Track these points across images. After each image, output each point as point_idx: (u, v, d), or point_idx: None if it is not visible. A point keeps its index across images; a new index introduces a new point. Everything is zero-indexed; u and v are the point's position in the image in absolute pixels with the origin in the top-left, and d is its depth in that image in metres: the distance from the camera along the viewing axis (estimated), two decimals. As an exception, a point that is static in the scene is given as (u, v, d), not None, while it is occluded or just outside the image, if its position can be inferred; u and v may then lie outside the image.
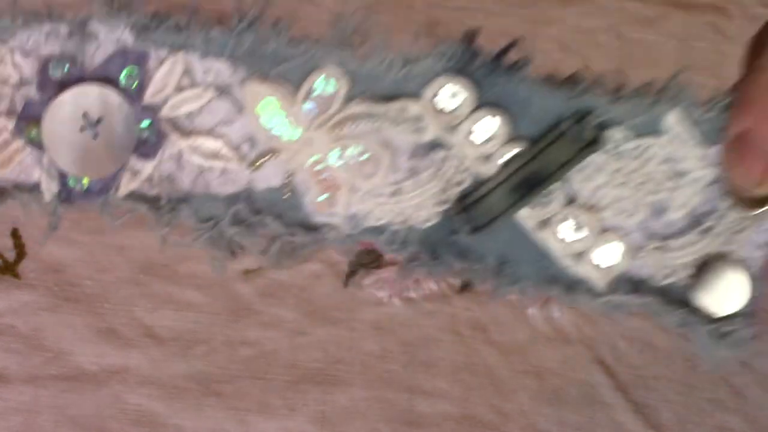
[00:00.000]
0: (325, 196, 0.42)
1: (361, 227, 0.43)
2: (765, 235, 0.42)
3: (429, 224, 0.43)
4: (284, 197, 0.42)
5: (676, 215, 0.43)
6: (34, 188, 0.42)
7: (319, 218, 0.42)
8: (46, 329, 0.55)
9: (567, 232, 0.42)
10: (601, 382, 0.56)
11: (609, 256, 0.43)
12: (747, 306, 0.42)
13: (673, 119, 0.42)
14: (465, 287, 0.57)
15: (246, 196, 0.42)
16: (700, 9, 0.61)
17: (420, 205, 0.42)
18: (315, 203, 0.42)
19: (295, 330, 0.56)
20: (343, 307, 0.56)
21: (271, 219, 0.42)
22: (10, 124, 0.41)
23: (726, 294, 0.42)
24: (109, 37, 0.41)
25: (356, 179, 0.42)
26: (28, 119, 0.41)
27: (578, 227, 0.42)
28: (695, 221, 0.43)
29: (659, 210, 0.43)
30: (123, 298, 0.56)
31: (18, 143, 0.41)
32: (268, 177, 0.42)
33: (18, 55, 0.41)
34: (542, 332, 0.57)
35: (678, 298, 0.43)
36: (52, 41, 0.41)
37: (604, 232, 0.43)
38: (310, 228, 0.43)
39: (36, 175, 0.42)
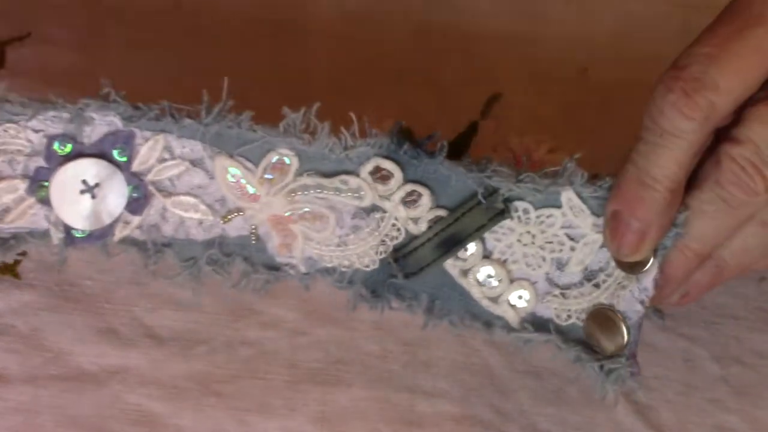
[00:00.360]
0: (283, 238, 0.53)
1: (315, 268, 0.53)
2: (643, 294, 0.51)
3: (370, 269, 0.53)
4: (252, 242, 0.53)
5: (574, 270, 0.53)
6: (44, 235, 0.52)
7: (280, 260, 0.53)
8: (46, 329, 0.55)
9: (484, 280, 0.53)
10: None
11: (519, 299, 0.53)
12: (626, 350, 0.52)
13: (566, 197, 0.51)
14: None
15: (220, 241, 0.53)
16: (701, 9, 0.61)
17: (362, 254, 0.53)
18: (276, 247, 0.53)
19: (295, 330, 0.56)
20: (343, 307, 0.56)
21: (240, 260, 0.53)
22: (24, 185, 0.52)
23: (609, 339, 0.52)
24: (102, 121, 0.51)
25: (309, 232, 0.52)
26: (38, 181, 0.51)
27: (493, 276, 0.53)
28: (589, 276, 0.53)
29: (560, 265, 0.53)
30: (123, 298, 0.56)
31: (30, 200, 0.52)
32: (238, 227, 0.53)
33: (30, 132, 0.51)
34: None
35: (576, 337, 0.53)
36: (56, 123, 0.51)
37: (515, 281, 0.53)
38: (273, 267, 0.53)
39: (45, 224, 0.52)
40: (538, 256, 0.53)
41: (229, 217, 0.53)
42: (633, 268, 0.51)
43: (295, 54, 0.60)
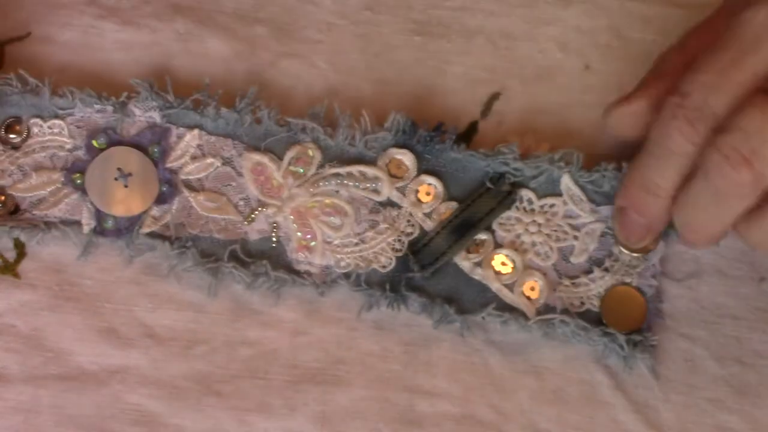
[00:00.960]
0: (303, 235, 0.55)
1: (333, 275, 0.55)
2: (653, 269, 0.56)
3: (387, 270, 0.55)
4: (272, 245, 0.56)
5: (580, 259, 0.56)
6: (75, 224, 0.55)
7: (299, 266, 0.55)
8: (46, 329, 0.55)
9: (498, 267, 0.56)
10: (602, 382, 0.56)
11: (532, 291, 0.56)
12: (646, 322, 0.56)
13: (565, 183, 0.56)
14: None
15: (242, 243, 0.55)
16: (699, 8, 0.61)
17: (380, 251, 0.56)
18: (295, 249, 0.55)
19: (295, 330, 0.56)
20: (343, 306, 0.56)
21: (260, 262, 0.55)
22: (62, 177, 0.55)
23: (628, 314, 0.56)
24: (143, 116, 0.56)
25: (328, 231, 0.55)
26: (75, 171, 0.55)
27: (507, 262, 0.56)
28: (597, 262, 0.56)
29: (566, 256, 0.56)
30: (123, 297, 0.56)
31: (66, 189, 0.55)
32: (259, 229, 0.56)
33: (73, 129, 0.56)
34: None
35: (593, 321, 0.55)
36: (99, 116, 0.56)
37: (528, 268, 0.56)
38: (292, 271, 0.55)
39: (77, 214, 0.55)
40: (546, 245, 0.56)
41: (252, 216, 0.56)
42: (641, 250, 0.56)
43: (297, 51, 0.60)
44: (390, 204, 0.56)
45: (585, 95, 0.60)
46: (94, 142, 0.56)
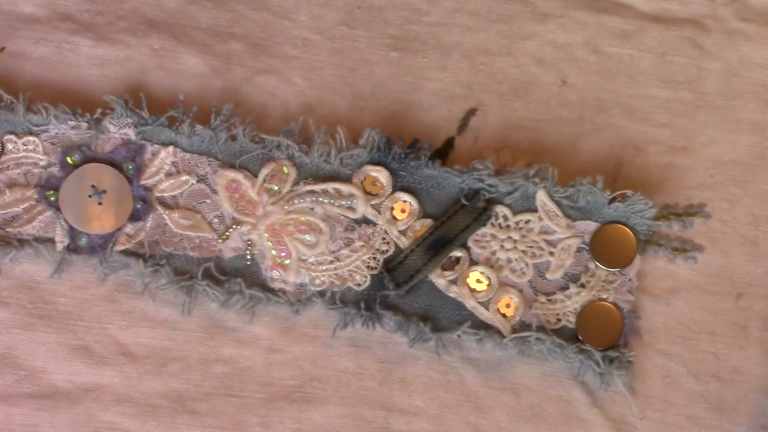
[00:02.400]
0: (277, 253, 0.55)
1: (308, 294, 0.55)
2: (629, 284, 0.56)
3: (362, 288, 0.55)
4: (247, 263, 0.55)
5: (556, 275, 0.56)
6: (48, 241, 0.55)
7: (274, 284, 0.55)
8: (20, 347, 0.55)
9: (473, 284, 0.55)
10: (579, 399, 0.56)
11: (508, 308, 0.55)
12: (623, 337, 0.55)
13: (540, 198, 0.56)
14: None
15: (216, 260, 0.55)
16: (677, 23, 0.61)
17: (354, 269, 0.55)
18: (270, 267, 0.55)
19: (270, 347, 0.56)
20: (319, 324, 0.56)
21: (234, 280, 0.55)
22: (37, 194, 0.55)
23: (605, 330, 0.55)
24: (118, 133, 0.56)
25: (303, 249, 0.55)
26: (49, 188, 0.55)
27: (482, 280, 0.55)
28: (573, 278, 0.56)
29: (542, 272, 0.56)
30: (97, 315, 0.55)
31: (40, 207, 0.55)
32: (234, 247, 0.55)
33: (47, 145, 0.56)
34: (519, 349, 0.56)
35: (569, 338, 0.55)
36: (74, 133, 0.55)
37: (503, 285, 0.56)
38: (267, 289, 0.55)
39: (51, 231, 0.55)
40: (521, 262, 0.56)
41: (227, 233, 0.55)
42: (618, 265, 0.56)
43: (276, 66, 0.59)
44: (365, 221, 0.56)
45: (562, 110, 0.60)
46: (69, 159, 0.55)
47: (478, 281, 0.56)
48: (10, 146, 0.56)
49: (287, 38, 0.60)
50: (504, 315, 0.55)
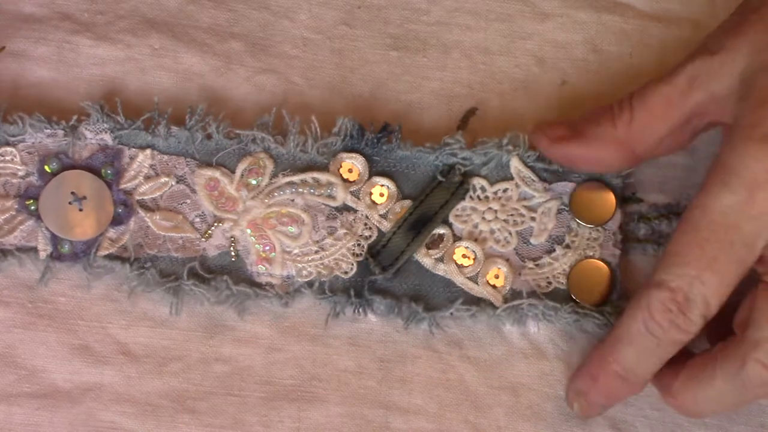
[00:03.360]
0: (261, 247, 0.55)
1: (294, 286, 0.55)
2: (613, 238, 0.57)
3: (349, 275, 0.55)
4: (231, 260, 0.55)
5: (540, 240, 0.57)
6: (31, 250, 0.55)
7: (260, 278, 0.55)
8: (20, 346, 0.55)
9: (459, 260, 0.56)
10: (578, 398, 0.56)
11: (497, 279, 0.56)
12: (615, 291, 0.56)
13: (514, 165, 0.57)
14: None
15: (201, 259, 0.55)
16: (677, 23, 0.61)
17: (340, 257, 0.56)
18: (255, 262, 0.55)
19: (270, 346, 0.56)
20: (318, 323, 0.56)
21: (221, 277, 0.55)
22: (17, 204, 0.55)
23: (596, 286, 0.56)
24: (94, 139, 0.55)
25: (287, 241, 0.55)
26: (29, 197, 0.55)
27: (467, 255, 0.56)
28: (557, 240, 0.57)
29: (526, 237, 0.57)
30: (97, 314, 0.55)
31: (21, 216, 0.55)
32: (218, 245, 0.56)
33: (25, 155, 0.55)
34: (518, 348, 0.56)
35: (562, 299, 0.56)
36: (50, 141, 0.55)
37: (489, 257, 0.56)
38: (254, 284, 0.55)
39: (33, 240, 0.55)
40: (504, 231, 0.57)
41: (209, 232, 0.55)
42: (599, 221, 0.57)
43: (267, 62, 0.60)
44: (346, 209, 0.56)
45: (562, 110, 0.60)
46: (47, 167, 0.55)
47: (464, 256, 0.56)
48: None
49: (287, 38, 0.60)
50: (494, 286, 0.56)
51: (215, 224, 0.56)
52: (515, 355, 0.56)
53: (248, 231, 0.55)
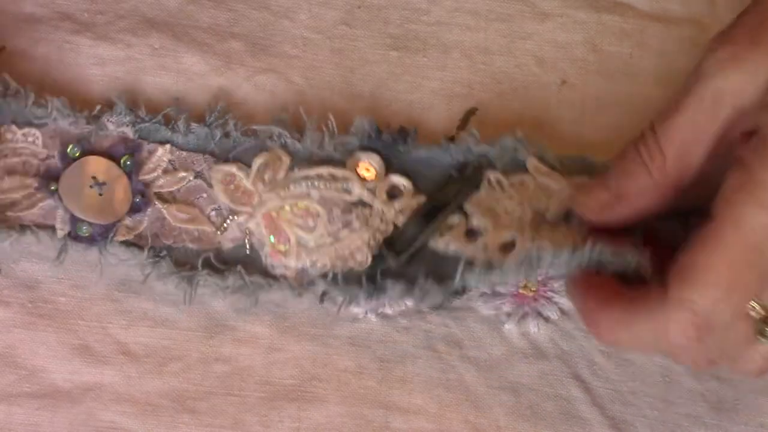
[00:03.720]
0: (276, 240, 0.55)
1: (310, 277, 0.55)
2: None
3: (364, 267, 0.55)
4: (246, 252, 0.55)
5: (554, 215, 0.55)
6: (49, 228, 0.55)
7: (275, 270, 0.55)
8: (20, 346, 0.55)
9: (472, 234, 0.55)
10: (578, 398, 0.56)
11: (510, 247, 0.54)
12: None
13: (531, 163, 0.56)
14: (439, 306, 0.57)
15: (216, 251, 0.55)
16: (677, 23, 0.61)
17: (356, 249, 0.55)
18: (270, 255, 0.55)
19: (270, 346, 0.56)
20: (318, 323, 0.56)
21: (234, 268, 0.55)
22: (37, 182, 0.55)
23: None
24: (116, 130, 0.56)
25: (302, 234, 0.55)
26: (50, 178, 0.56)
27: (479, 232, 0.55)
28: (569, 215, 0.55)
29: (541, 213, 0.55)
30: (97, 314, 0.55)
31: (41, 194, 0.55)
32: (233, 237, 0.56)
33: (47, 138, 0.56)
34: (518, 348, 0.56)
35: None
36: (73, 128, 0.56)
37: (503, 227, 0.55)
38: (268, 276, 0.55)
39: (51, 219, 0.55)
40: (519, 209, 0.56)
41: (225, 225, 0.56)
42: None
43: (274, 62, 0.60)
44: (362, 203, 0.56)
45: (562, 110, 0.60)
46: (68, 151, 0.56)
47: (476, 226, 0.55)
48: (9, 136, 0.56)
49: (287, 37, 0.60)
50: (503, 252, 0.55)
51: (231, 217, 0.56)
52: (515, 355, 0.56)
53: (263, 223, 0.55)
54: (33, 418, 0.54)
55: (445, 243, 0.55)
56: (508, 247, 0.55)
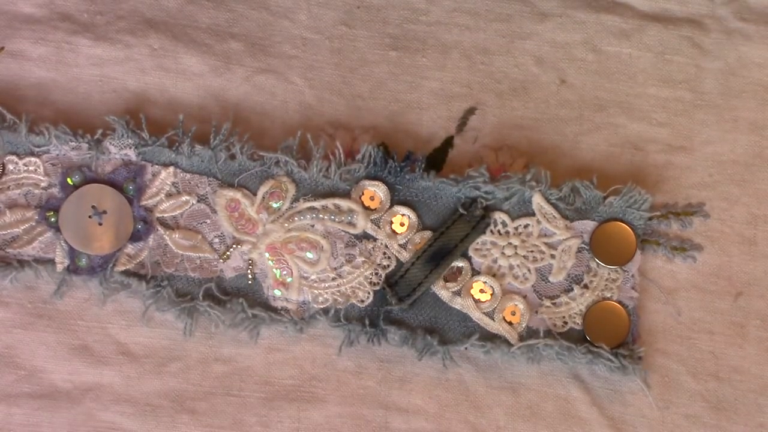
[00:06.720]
0: (279, 272, 0.55)
1: (311, 311, 0.55)
2: (632, 281, 0.56)
3: (365, 304, 0.55)
4: (248, 282, 0.55)
5: (558, 278, 0.56)
6: (48, 262, 0.55)
7: (276, 303, 0.55)
8: (19, 347, 0.55)
9: (477, 295, 0.55)
10: (577, 398, 0.56)
11: (513, 315, 0.55)
12: (630, 334, 0.56)
13: (536, 202, 0.56)
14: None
15: (217, 281, 0.55)
16: (676, 22, 0.61)
17: (357, 285, 0.55)
18: (272, 286, 0.55)
19: (269, 347, 0.56)
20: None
21: (237, 300, 0.54)
22: (37, 215, 0.55)
23: (612, 329, 0.56)
24: (118, 154, 0.55)
25: (305, 266, 0.55)
26: (50, 209, 0.55)
27: (485, 290, 0.55)
28: (576, 279, 0.56)
29: (544, 275, 0.56)
30: (97, 315, 0.55)
31: (40, 227, 0.55)
32: (235, 267, 0.55)
33: (49, 165, 0.55)
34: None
35: (576, 340, 0.55)
36: (74, 153, 0.55)
37: (507, 293, 0.55)
38: (269, 308, 0.55)
39: (51, 252, 0.54)
40: (523, 268, 0.56)
41: (228, 253, 0.55)
42: (619, 262, 0.56)
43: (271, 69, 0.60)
44: (365, 237, 0.56)
45: (561, 110, 0.60)
46: (69, 180, 0.55)
47: (482, 291, 0.56)
48: (11, 167, 0.56)
49: (286, 38, 0.60)
50: (510, 323, 0.55)
51: (234, 246, 0.55)
52: (515, 355, 0.56)
53: (266, 254, 0.55)
54: (32, 418, 0.54)
55: (450, 296, 0.55)
56: (515, 314, 0.56)
